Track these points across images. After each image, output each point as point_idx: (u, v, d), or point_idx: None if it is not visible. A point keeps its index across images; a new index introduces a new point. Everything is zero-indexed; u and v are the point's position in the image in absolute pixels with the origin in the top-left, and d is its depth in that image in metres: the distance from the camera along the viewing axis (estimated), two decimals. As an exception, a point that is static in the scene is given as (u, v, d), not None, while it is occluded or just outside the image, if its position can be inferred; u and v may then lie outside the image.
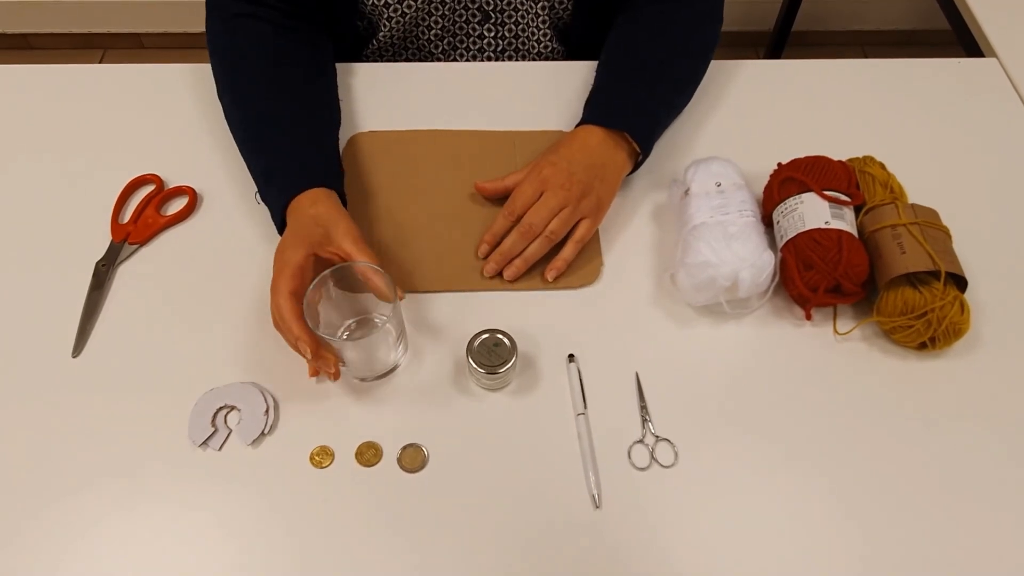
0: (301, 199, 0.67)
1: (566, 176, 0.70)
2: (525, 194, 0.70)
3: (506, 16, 0.87)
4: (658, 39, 0.79)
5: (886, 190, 0.71)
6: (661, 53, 0.79)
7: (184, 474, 0.60)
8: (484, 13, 0.86)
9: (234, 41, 0.77)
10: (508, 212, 0.70)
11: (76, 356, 0.66)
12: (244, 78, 0.75)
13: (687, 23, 0.81)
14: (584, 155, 0.72)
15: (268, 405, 0.63)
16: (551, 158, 0.71)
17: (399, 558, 0.57)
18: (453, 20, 0.87)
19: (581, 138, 0.73)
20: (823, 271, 0.65)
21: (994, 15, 0.97)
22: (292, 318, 0.60)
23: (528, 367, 0.66)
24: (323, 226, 0.65)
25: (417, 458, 0.61)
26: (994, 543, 0.58)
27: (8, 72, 0.88)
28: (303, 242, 0.64)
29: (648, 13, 0.81)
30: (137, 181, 0.78)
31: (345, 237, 0.64)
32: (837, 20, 2.12)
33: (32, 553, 0.57)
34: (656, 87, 0.77)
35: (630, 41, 0.80)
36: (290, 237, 0.65)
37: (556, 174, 0.70)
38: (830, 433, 0.63)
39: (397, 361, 0.66)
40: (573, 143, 0.73)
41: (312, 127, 0.74)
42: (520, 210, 0.70)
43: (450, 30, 0.88)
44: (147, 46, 2.16)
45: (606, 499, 0.59)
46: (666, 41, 0.79)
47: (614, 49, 0.80)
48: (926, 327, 0.64)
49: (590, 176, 0.71)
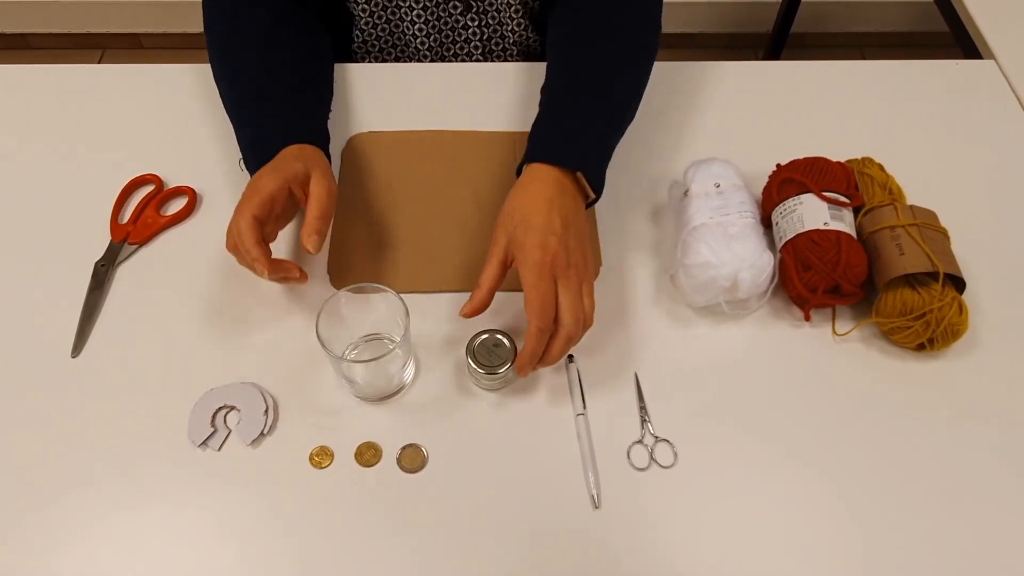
0: (287, 150, 0.68)
1: (564, 252, 0.62)
2: (548, 295, 0.60)
3: (487, 4, 0.87)
4: (598, 57, 0.74)
5: (885, 191, 0.71)
6: (602, 72, 0.73)
7: (183, 474, 0.60)
8: (465, 3, 0.87)
9: (228, 25, 0.77)
10: (543, 326, 0.60)
11: (75, 356, 0.66)
12: (236, 56, 0.76)
13: (625, 32, 0.76)
14: (559, 218, 0.63)
15: (268, 405, 0.63)
16: (533, 239, 0.61)
17: (399, 558, 0.57)
18: (437, 14, 0.88)
19: (540, 193, 0.65)
20: (822, 272, 0.65)
21: (992, 17, 0.97)
22: (251, 241, 0.61)
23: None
24: (304, 162, 0.65)
25: (417, 458, 0.61)
26: (992, 543, 0.58)
27: (7, 72, 0.88)
28: (280, 173, 0.64)
29: (585, 24, 0.76)
30: (137, 181, 0.78)
31: (320, 181, 0.64)
32: (836, 22, 2.13)
33: (31, 552, 0.57)
34: (600, 114, 0.72)
35: (571, 59, 0.75)
36: (267, 168, 0.65)
37: (556, 256, 0.61)
38: (829, 434, 0.63)
39: (404, 382, 0.65)
40: (538, 206, 0.64)
41: (302, 97, 0.75)
42: (553, 313, 0.60)
43: (434, 24, 0.89)
44: (146, 46, 2.16)
45: (605, 499, 0.60)
46: (606, 58, 0.74)
47: (554, 71, 0.75)
48: (924, 328, 0.64)
49: (575, 234, 0.64)
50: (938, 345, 0.65)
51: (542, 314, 0.59)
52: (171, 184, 0.78)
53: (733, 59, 0.91)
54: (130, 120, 0.83)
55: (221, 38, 0.77)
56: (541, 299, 0.59)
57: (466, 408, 0.64)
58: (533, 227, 0.62)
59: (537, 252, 0.61)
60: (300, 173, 0.65)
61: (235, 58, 0.76)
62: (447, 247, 0.73)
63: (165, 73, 0.87)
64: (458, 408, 0.64)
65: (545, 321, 0.59)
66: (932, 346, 0.65)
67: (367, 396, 0.64)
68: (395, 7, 0.87)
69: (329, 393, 0.65)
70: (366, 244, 0.73)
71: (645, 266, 0.73)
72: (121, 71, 0.88)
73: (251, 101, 0.73)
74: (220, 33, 0.78)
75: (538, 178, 0.66)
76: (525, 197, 0.65)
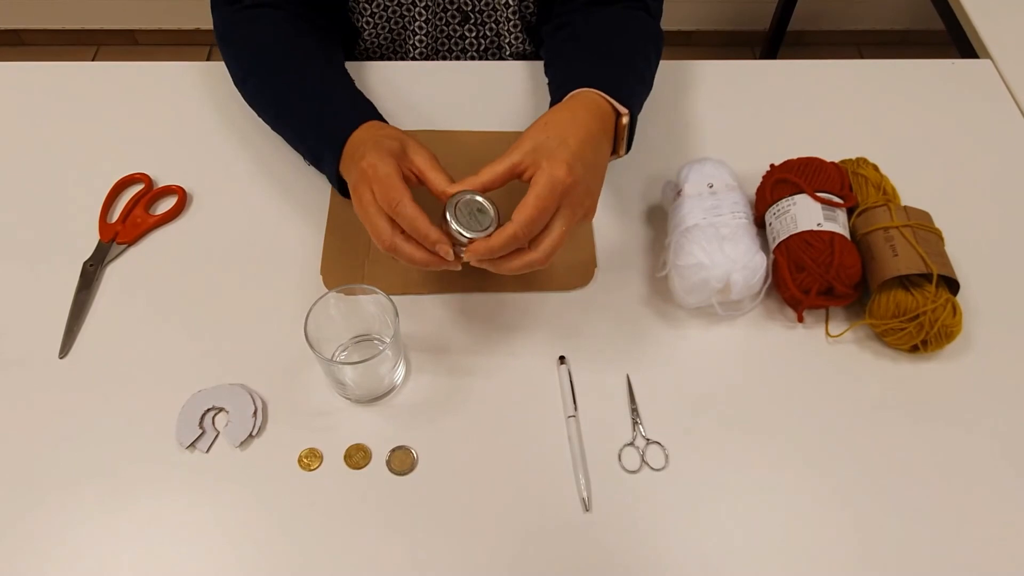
0: (359, 132, 0.64)
1: (583, 187, 0.59)
2: (546, 211, 0.58)
3: (486, 16, 0.87)
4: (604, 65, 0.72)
5: (879, 192, 0.71)
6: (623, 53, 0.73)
7: (171, 476, 0.60)
8: (464, 14, 0.87)
9: (249, 28, 0.77)
10: (521, 235, 0.57)
11: (63, 357, 0.66)
12: (267, 57, 0.75)
13: (629, 34, 0.76)
14: (591, 151, 0.61)
15: (256, 407, 0.62)
16: (563, 156, 0.58)
17: (388, 561, 0.57)
18: (435, 24, 0.88)
19: (583, 120, 0.62)
20: (815, 273, 0.65)
21: (988, 16, 0.97)
22: (426, 224, 0.57)
23: (519, 369, 0.66)
24: (397, 139, 0.61)
25: (406, 460, 0.61)
26: (985, 542, 0.58)
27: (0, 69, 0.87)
28: (386, 154, 0.59)
29: (587, 30, 0.76)
30: (126, 180, 0.77)
31: (418, 153, 0.61)
32: (832, 20, 2.12)
33: (17, 553, 0.56)
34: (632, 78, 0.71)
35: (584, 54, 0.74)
36: (369, 154, 0.59)
37: (576, 185, 0.58)
38: (822, 435, 0.62)
39: (394, 384, 0.65)
40: (578, 130, 0.61)
41: (345, 84, 0.73)
42: (536, 233, 0.58)
43: (433, 36, 0.89)
44: (141, 43, 2.15)
45: (596, 502, 0.59)
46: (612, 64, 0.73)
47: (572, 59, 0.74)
48: (918, 329, 0.63)
49: (597, 175, 0.63)
50: (931, 347, 0.65)
51: (528, 226, 0.57)
52: (161, 183, 0.77)
53: (730, 57, 0.91)
54: (120, 118, 0.83)
55: (242, 39, 0.77)
56: (537, 213, 0.57)
57: (456, 410, 0.64)
58: (567, 145, 0.59)
59: (561, 169, 0.57)
60: (399, 149, 0.61)
61: (265, 58, 0.75)
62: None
63: (156, 71, 0.87)
64: (448, 410, 0.64)
65: (526, 233, 0.57)
66: (925, 348, 0.65)
67: (357, 398, 0.64)
68: (399, 17, 0.86)
69: (318, 395, 0.64)
70: (359, 245, 0.73)
71: (638, 267, 0.72)
72: (113, 69, 0.88)
73: (297, 96, 0.71)
74: (240, 35, 0.77)
75: (585, 105, 0.63)
76: (567, 114, 0.62)
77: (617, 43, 0.75)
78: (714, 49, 2.14)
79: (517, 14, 0.86)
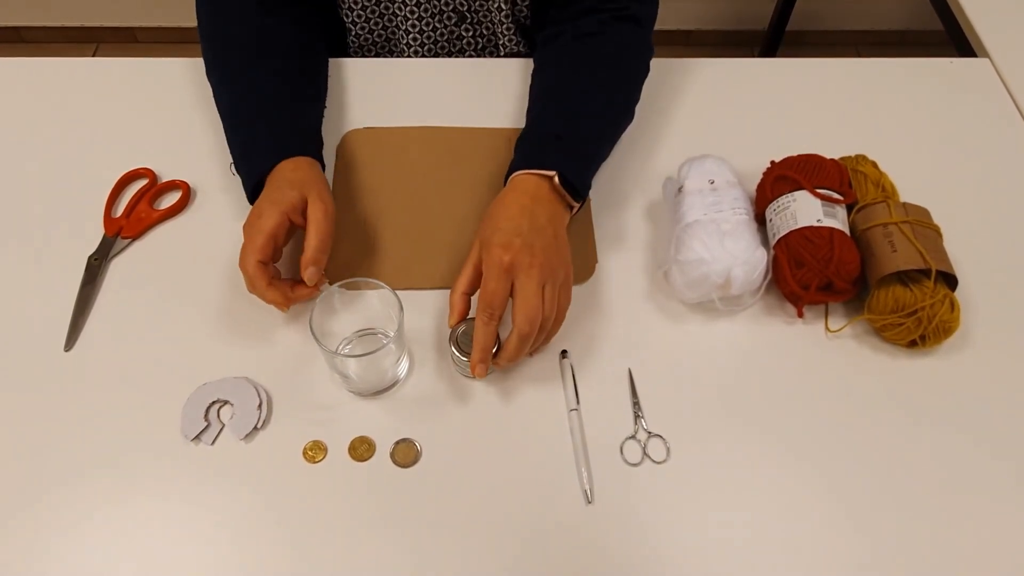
0: (283, 165, 0.68)
1: (527, 252, 0.62)
2: (497, 292, 0.61)
3: (481, 16, 0.87)
4: (583, 78, 0.75)
5: (878, 189, 0.72)
6: (587, 88, 0.74)
7: (176, 469, 0.60)
8: (460, 14, 0.87)
9: (220, 20, 0.77)
10: (488, 316, 0.61)
11: (68, 350, 0.66)
12: (228, 55, 0.75)
13: (614, 58, 0.77)
14: (527, 221, 0.64)
15: (261, 399, 0.63)
16: (498, 238, 0.62)
17: (392, 553, 0.57)
18: (432, 24, 0.88)
19: (514, 201, 0.66)
20: (815, 269, 0.66)
21: (986, 16, 0.97)
22: (263, 287, 0.63)
23: (521, 363, 0.66)
24: (299, 188, 0.66)
25: (410, 453, 0.61)
26: (982, 539, 0.58)
27: (1, 65, 0.87)
28: (277, 207, 0.64)
29: (571, 50, 0.77)
30: (130, 175, 0.77)
31: (316, 204, 0.65)
32: (831, 20, 2.13)
33: (23, 546, 0.57)
34: (580, 120, 0.73)
35: (555, 80, 0.76)
36: (264, 202, 0.65)
37: (517, 255, 0.61)
38: (821, 430, 0.63)
39: (397, 377, 0.65)
40: (510, 212, 0.65)
41: (294, 101, 0.74)
42: (500, 308, 0.61)
43: (429, 35, 0.89)
44: (141, 40, 2.15)
45: (598, 495, 0.60)
46: (592, 78, 0.75)
47: (537, 91, 0.77)
48: (916, 325, 0.64)
49: (545, 236, 0.64)
50: (930, 342, 0.65)
51: (484, 307, 0.61)
52: (165, 178, 0.77)
53: (728, 56, 0.91)
54: (124, 114, 0.83)
55: (213, 36, 0.77)
56: (490, 294, 0.61)
57: (460, 403, 0.64)
58: (500, 229, 0.63)
59: (497, 251, 0.62)
60: (296, 201, 0.65)
61: (227, 57, 0.75)
62: (442, 242, 0.73)
63: (159, 67, 0.87)
64: (452, 403, 0.64)
65: (488, 313, 0.61)
66: (924, 343, 0.66)
67: (361, 391, 0.64)
68: (392, 15, 0.87)
69: (323, 388, 0.65)
70: (361, 240, 0.73)
71: (639, 262, 0.73)
72: (115, 65, 0.88)
73: (243, 106, 0.73)
74: (212, 30, 0.77)
75: (514, 188, 0.68)
76: (500, 206, 0.66)
77: (586, 81, 0.75)
78: (713, 48, 2.14)
79: (510, 17, 0.87)
